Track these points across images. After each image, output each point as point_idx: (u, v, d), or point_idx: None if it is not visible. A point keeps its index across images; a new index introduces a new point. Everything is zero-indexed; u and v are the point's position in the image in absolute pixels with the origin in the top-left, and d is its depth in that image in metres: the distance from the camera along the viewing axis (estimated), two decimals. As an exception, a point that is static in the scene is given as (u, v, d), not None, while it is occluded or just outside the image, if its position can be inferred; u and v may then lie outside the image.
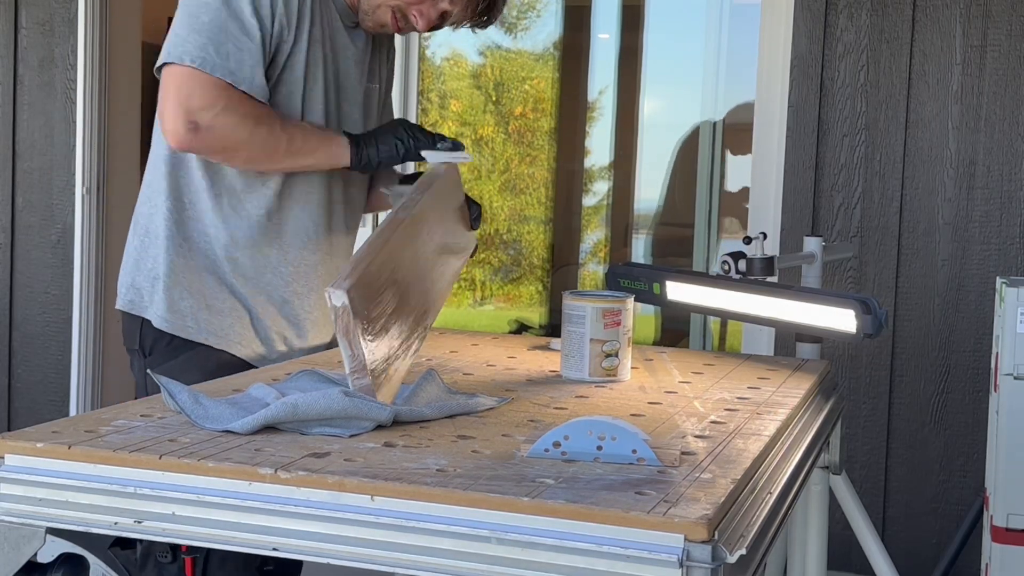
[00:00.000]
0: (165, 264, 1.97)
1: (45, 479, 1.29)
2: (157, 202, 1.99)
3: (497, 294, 6.67)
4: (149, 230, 2.00)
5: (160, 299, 1.97)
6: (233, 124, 1.85)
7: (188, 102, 1.82)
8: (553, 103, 6.30)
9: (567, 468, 1.27)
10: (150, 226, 2.00)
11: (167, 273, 1.97)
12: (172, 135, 1.85)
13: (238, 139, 1.87)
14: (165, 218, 1.98)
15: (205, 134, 1.84)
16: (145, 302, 2.00)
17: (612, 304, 1.83)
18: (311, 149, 1.94)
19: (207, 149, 1.89)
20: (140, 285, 2.01)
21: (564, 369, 1.86)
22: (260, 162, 1.94)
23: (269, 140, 1.90)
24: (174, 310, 1.97)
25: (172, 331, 1.97)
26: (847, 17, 3.37)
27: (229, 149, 1.89)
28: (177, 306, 1.97)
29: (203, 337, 1.98)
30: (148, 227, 2.01)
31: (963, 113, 3.30)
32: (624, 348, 1.84)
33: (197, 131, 1.83)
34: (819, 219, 3.41)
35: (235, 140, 1.87)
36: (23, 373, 4.26)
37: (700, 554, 1.08)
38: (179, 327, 1.97)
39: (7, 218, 4.25)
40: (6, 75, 4.22)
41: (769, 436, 1.48)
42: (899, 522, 3.37)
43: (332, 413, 1.40)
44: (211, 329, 1.98)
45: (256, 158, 1.93)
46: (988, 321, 2.96)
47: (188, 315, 1.98)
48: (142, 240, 2.02)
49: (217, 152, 1.90)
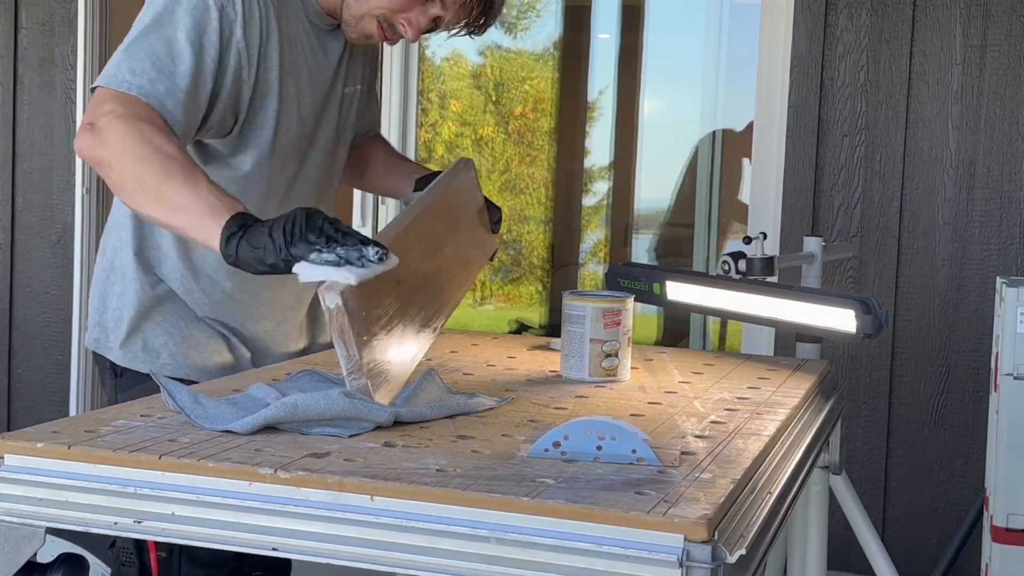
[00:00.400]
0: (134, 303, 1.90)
1: (45, 479, 1.29)
2: (122, 236, 1.92)
3: (497, 294, 6.67)
4: (114, 266, 1.94)
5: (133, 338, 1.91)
6: (120, 130, 1.65)
7: (94, 109, 1.69)
8: (553, 103, 6.29)
9: (567, 468, 1.27)
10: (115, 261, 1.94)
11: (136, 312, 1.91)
12: (77, 140, 1.70)
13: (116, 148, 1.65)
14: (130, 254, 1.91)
15: (95, 136, 1.66)
16: (111, 343, 1.93)
17: (612, 304, 1.83)
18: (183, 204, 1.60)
19: (91, 155, 1.68)
20: (106, 324, 1.93)
21: (564, 369, 1.86)
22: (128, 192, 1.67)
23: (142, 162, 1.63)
24: (148, 348, 1.91)
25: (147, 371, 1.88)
26: (847, 17, 3.37)
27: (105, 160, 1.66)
28: (151, 344, 1.91)
29: (183, 373, 1.89)
30: (113, 261, 1.94)
31: (963, 113, 3.30)
32: (624, 348, 1.84)
33: (92, 130, 1.66)
34: (819, 219, 3.41)
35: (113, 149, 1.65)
36: (23, 373, 4.26)
37: (700, 554, 1.08)
38: (157, 367, 1.89)
39: (7, 218, 4.25)
40: (6, 75, 4.22)
41: (769, 436, 1.48)
42: (899, 522, 3.37)
43: (332, 414, 1.40)
44: (190, 363, 1.91)
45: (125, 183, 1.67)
46: (988, 321, 2.96)
47: (163, 351, 1.91)
48: (107, 275, 1.95)
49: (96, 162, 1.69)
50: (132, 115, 1.66)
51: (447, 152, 6.45)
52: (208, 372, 1.91)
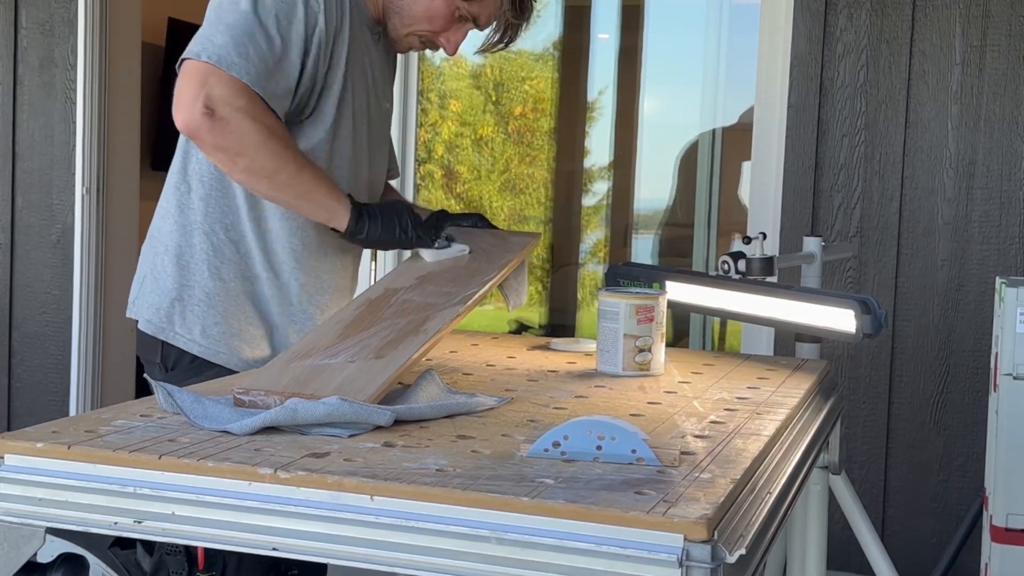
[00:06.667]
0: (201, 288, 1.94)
1: (45, 479, 1.29)
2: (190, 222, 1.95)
3: (497, 294, 6.67)
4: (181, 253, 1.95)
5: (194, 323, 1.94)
6: (248, 126, 1.77)
7: (210, 90, 1.75)
8: (553, 103, 6.29)
9: (567, 468, 1.27)
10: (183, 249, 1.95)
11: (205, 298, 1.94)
12: (185, 117, 1.76)
13: (248, 143, 1.78)
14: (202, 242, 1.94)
15: (218, 124, 1.75)
16: (176, 327, 1.95)
17: (645, 301, 1.89)
18: (314, 191, 1.87)
19: (214, 142, 1.78)
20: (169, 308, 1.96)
21: (599, 363, 1.92)
22: (259, 178, 1.84)
23: (277, 158, 1.81)
24: (207, 335, 1.94)
25: (203, 356, 1.94)
26: (847, 17, 3.37)
27: (234, 150, 1.79)
28: (210, 332, 1.94)
29: (233, 364, 1.94)
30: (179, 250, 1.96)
31: (962, 113, 3.30)
32: (657, 343, 1.90)
33: (212, 118, 1.74)
34: (819, 219, 3.41)
35: (245, 143, 1.78)
36: (23, 373, 4.26)
37: (700, 554, 1.08)
38: (211, 352, 1.94)
39: (7, 218, 4.25)
40: (6, 75, 4.22)
41: (769, 436, 1.48)
42: (899, 522, 3.37)
43: (333, 418, 1.40)
44: (240, 356, 1.95)
45: (257, 172, 1.82)
46: (988, 321, 2.97)
47: (221, 341, 1.94)
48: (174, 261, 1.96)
49: (222, 149, 1.79)
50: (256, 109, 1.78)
51: (447, 152, 6.46)
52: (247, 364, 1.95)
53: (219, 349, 1.94)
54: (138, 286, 2.02)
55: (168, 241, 1.97)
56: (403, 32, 2.01)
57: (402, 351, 1.64)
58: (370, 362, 1.60)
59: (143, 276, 2.01)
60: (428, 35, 2.01)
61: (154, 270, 1.98)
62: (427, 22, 1.99)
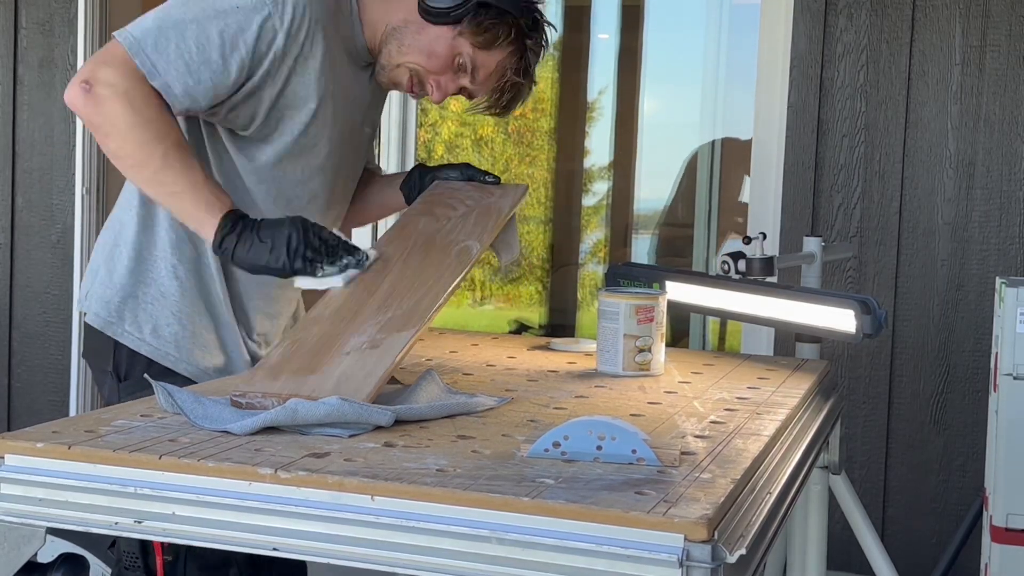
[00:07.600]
0: (157, 286, 1.89)
1: (45, 479, 1.29)
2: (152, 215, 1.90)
3: (497, 294, 6.67)
4: (140, 247, 1.90)
5: (146, 321, 1.89)
6: (120, 109, 1.73)
7: (97, 67, 1.75)
8: (553, 103, 6.29)
9: (567, 468, 1.27)
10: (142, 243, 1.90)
11: (160, 296, 1.89)
12: (69, 86, 1.76)
13: (116, 125, 1.74)
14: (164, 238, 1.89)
15: (91, 99, 1.73)
16: (126, 324, 1.89)
17: (645, 301, 1.89)
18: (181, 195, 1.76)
19: (86, 115, 1.76)
20: (120, 303, 1.90)
21: (599, 363, 1.92)
22: (125, 166, 1.79)
23: (143, 149, 1.75)
24: (159, 335, 1.89)
25: (153, 357, 1.88)
26: (847, 17, 3.37)
27: (103, 130, 1.76)
28: (162, 332, 1.89)
29: (182, 368, 1.89)
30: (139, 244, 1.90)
31: (962, 113, 3.30)
32: (657, 343, 1.90)
33: (88, 93, 1.73)
34: (819, 219, 3.41)
35: (113, 124, 1.74)
36: (23, 373, 4.26)
37: (700, 554, 1.08)
38: (161, 355, 1.88)
39: (7, 218, 4.25)
40: (6, 75, 4.22)
41: (769, 436, 1.48)
42: (899, 522, 3.37)
43: (333, 419, 1.40)
44: (191, 360, 1.89)
45: (123, 159, 1.77)
46: (988, 321, 2.96)
47: (172, 343, 1.89)
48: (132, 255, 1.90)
49: (93, 126, 1.77)
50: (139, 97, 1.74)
51: (447, 152, 6.45)
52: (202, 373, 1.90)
53: (169, 351, 1.88)
54: (91, 277, 1.96)
55: (128, 233, 1.92)
56: (395, 62, 1.93)
57: (397, 339, 1.61)
58: (366, 353, 1.59)
59: (96, 267, 1.95)
60: (420, 72, 1.92)
61: (109, 261, 1.93)
62: (424, 57, 1.91)
